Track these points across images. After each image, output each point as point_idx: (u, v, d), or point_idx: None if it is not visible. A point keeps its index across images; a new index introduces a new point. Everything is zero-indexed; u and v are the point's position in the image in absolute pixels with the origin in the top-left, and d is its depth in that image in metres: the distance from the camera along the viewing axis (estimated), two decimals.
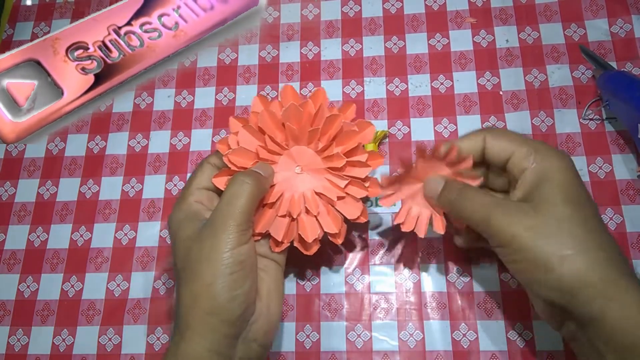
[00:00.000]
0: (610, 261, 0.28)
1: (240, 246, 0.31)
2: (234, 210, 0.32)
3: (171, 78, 0.49)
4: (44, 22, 0.53)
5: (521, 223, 0.30)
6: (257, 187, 0.32)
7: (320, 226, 0.34)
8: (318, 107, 0.34)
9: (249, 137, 0.34)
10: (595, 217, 0.30)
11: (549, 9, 0.47)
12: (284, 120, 0.34)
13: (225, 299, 0.30)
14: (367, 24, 0.49)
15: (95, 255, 0.44)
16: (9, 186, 0.47)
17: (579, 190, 0.30)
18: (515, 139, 0.32)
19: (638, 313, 0.27)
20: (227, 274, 0.30)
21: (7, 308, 0.43)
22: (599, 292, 0.27)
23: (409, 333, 0.39)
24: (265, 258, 0.35)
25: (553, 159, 0.31)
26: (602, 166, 0.41)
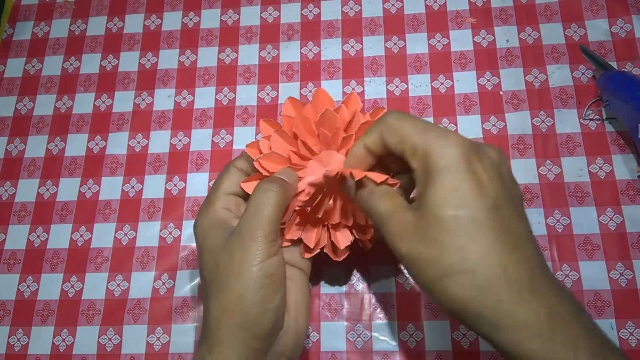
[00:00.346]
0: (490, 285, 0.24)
1: (270, 258, 0.30)
2: (262, 220, 0.30)
3: (171, 78, 0.49)
4: (44, 22, 0.53)
5: (404, 244, 0.27)
6: (282, 195, 0.31)
7: (352, 233, 0.34)
8: (353, 113, 0.33)
9: (281, 142, 0.33)
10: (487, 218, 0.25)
11: (549, 9, 0.47)
12: (319, 126, 0.33)
13: (256, 313, 0.29)
14: (367, 23, 0.49)
15: (95, 255, 0.44)
16: (9, 186, 0.47)
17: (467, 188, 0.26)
18: (403, 134, 0.28)
19: (522, 340, 0.24)
20: (258, 288, 0.29)
21: (7, 308, 0.43)
22: (480, 319, 0.25)
23: (409, 333, 0.39)
24: (291, 266, 0.34)
25: (438, 158, 0.26)
26: (602, 166, 0.41)
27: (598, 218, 0.40)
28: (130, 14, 0.52)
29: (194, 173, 0.45)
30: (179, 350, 0.40)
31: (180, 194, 0.45)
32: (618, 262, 0.39)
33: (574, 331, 0.24)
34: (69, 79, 0.50)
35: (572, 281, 0.39)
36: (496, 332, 0.25)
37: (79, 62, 0.51)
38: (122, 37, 0.51)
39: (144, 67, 0.50)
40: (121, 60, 0.50)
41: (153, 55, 0.50)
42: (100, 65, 0.50)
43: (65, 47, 0.52)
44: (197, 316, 0.41)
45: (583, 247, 0.40)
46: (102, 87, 0.49)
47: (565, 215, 0.41)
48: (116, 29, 0.52)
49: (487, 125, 0.44)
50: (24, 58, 0.52)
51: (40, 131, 0.48)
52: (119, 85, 0.49)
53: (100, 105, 0.49)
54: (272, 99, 0.47)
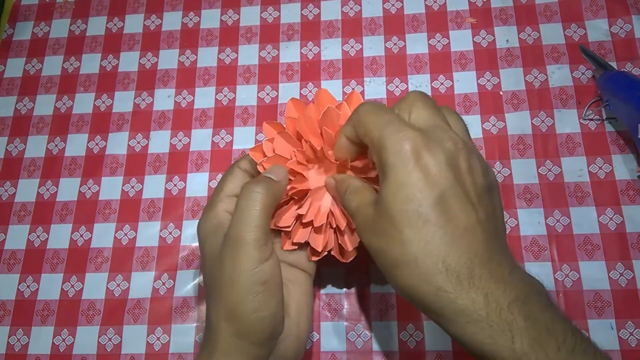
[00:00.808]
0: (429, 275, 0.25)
1: (262, 264, 0.29)
2: (249, 225, 0.30)
3: (171, 78, 0.49)
4: (44, 22, 0.53)
5: (364, 235, 0.29)
6: (269, 196, 0.30)
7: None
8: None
9: (284, 144, 0.33)
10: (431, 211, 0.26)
11: (549, 9, 0.47)
12: (322, 125, 0.33)
13: (252, 322, 0.29)
14: (367, 24, 0.49)
15: (95, 255, 0.44)
16: (9, 186, 0.47)
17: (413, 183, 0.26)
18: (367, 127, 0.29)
19: (461, 326, 0.25)
20: (251, 296, 0.29)
21: (7, 308, 0.43)
22: (423, 307, 0.26)
23: (409, 333, 0.39)
24: (295, 268, 0.34)
25: (389, 153, 0.27)
26: (602, 166, 0.41)
27: (598, 218, 0.40)
28: (130, 14, 0.52)
29: (194, 173, 0.45)
30: (179, 350, 0.40)
31: (180, 194, 0.45)
32: (618, 262, 0.39)
33: (511, 317, 0.24)
34: (69, 79, 0.50)
35: (572, 281, 0.39)
36: (441, 319, 0.26)
37: (79, 62, 0.51)
38: (122, 37, 0.51)
39: (144, 67, 0.50)
40: (121, 60, 0.50)
41: (153, 55, 0.50)
42: (100, 65, 0.50)
43: (65, 47, 0.52)
44: (197, 316, 0.41)
45: (583, 247, 0.40)
46: (102, 87, 0.49)
47: (565, 215, 0.41)
48: (116, 29, 0.52)
49: (487, 126, 0.44)
50: (24, 58, 0.52)
51: (40, 131, 0.48)
52: (119, 85, 0.49)
53: (100, 105, 0.49)
54: (272, 99, 0.47)
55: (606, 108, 0.42)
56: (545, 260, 0.40)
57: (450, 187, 0.26)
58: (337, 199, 0.34)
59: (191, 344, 0.40)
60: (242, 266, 0.29)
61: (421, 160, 0.26)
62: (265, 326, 0.29)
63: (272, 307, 0.30)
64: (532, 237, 0.40)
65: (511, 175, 0.42)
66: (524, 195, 0.42)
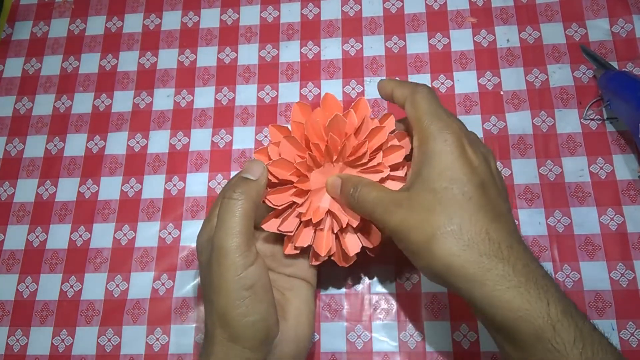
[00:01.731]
0: (473, 243, 0.28)
1: (246, 269, 0.30)
2: (229, 233, 0.30)
3: (170, 78, 0.49)
4: (43, 21, 0.53)
5: (395, 217, 0.30)
6: (248, 200, 0.31)
7: (361, 241, 0.34)
8: (362, 118, 0.33)
9: (290, 148, 0.33)
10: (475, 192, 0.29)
11: (550, 8, 0.47)
12: (328, 131, 0.33)
13: (242, 326, 0.30)
14: (367, 23, 0.48)
15: (94, 256, 0.43)
16: (7, 186, 0.47)
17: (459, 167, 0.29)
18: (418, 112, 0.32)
19: (501, 292, 0.27)
20: (238, 302, 0.30)
21: (6, 308, 0.43)
22: (462, 276, 0.28)
23: (409, 334, 0.39)
24: (294, 278, 0.34)
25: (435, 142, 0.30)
26: (603, 166, 0.41)
27: (599, 218, 0.40)
28: (129, 13, 0.52)
29: (194, 173, 0.45)
30: (179, 350, 0.40)
31: (179, 194, 0.45)
32: (619, 263, 0.39)
33: (546, 287, 0.27)
34: (68, 79, 0.50)
35: (573, 281, 0.39)
36: (477, 286, 0.27)
37: (78, 61, 0.51)
38: (122, 36, 0.51)
39: (143, 66, 0.50)
40: (120, 60, 0.50)
41: (152, 55, 0.50)
42: (100, 65, 0.50)
43: (64, 46, 0.51)
44: (196, 316, 0.41)
45: (584, 248, 0.40)
46: (101, 87, 0.49)
47: (566, 215, 0.40)
48: (115, 29, 0.51)
49: (488, 125, 0.44)
50: (23, 58, 0.51)
51: (39, 131, 0.48)
52: (118, 85, 0.49)
53: (99, 105, 0.49)
54: (271, 99, 0.47)
55: (607, 108, 0.42)
56: (546, 260, 0.39)
57: (488, 179, 0.30)
58: (338, 199, 0.34)
59: (190, 344, 0.40)
60: (227, 273, 0.30)
61: (465, 153, 0.30)
62: (256, 330, 0.30)
63: (262, 311, 0.30)
64: (533, 237, 0.40)
65: (512, 175, 0.42)
66: (524, 195, 0.41)
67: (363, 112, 0.34)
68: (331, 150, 0.33)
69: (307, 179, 0.34)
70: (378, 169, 0.34)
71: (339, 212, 0.34)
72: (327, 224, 0.34)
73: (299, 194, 0.34)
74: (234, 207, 0.31)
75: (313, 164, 0.34)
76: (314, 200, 0.34)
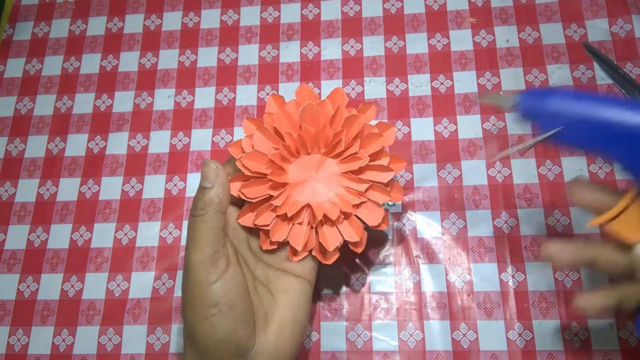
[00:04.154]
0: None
1: (210, 286, 0.29)
2: (193, 250, 0.30)
3: (171, 78, 0.49)
4: (44, 22, 0.53)
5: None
6: (211, 213, 0.30)
7: (341, 234, 0.33)
8: (337, 107, 0.32)
9: (264, 140, 0.33)
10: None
11: (549, 8, 0.47)
12: (301, 121, 0.32)
13: (207, 345, 0.30)
14: (367, 23, 0.49)
15: (95, 255, 0.44)
16: (9, 186, 0.47)
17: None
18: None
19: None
20: (204, 320, 0.29)
21: (7, 308, 0.43)
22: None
23: (409, 333, 0.39)
24: (290, 275, 0.33)
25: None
26: (602, 166, 0.41)
27: None
28: (130, 14, 0.52)
29: (194, 173, 0.45)
30: (179, 350, 0.40)
31: (180, 194, 0.45)
32: None
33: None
34: (69, 79, 0.50)
35: (572, 281, 0.39)
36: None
37: (79, 62, 0.51)
38: (122, 37, 0.51)
39: (144, 67, 0.50)
40: (121, 60, 0.50)
41: (153, 55, 0.50)
42: (100, 65, 0.50)
43: (65, 47, 0.52)
44: None
45: None
46: (102, 87, 0.49)
47: (566, 215, 0.41)
48: (116, 29, 0.52)
49: (487, 125, 0.44)
50: (24, 58, 0.52)
51: (40, 131, 0.48)
52: (119, 85, 0.49)
53: (100, 105, 0.49)
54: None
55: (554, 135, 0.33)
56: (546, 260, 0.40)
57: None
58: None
59: None
60: (192, 290, 0.30)
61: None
62: (222, 347, 0.29)
63: (228, 328, 0.29)
64: (532, 237, 0.40)
65: (511, 175, 0.42)
66: (524, 195, 0.41)
67: (338, 101, 0.33)
68: (305, 140, 0.32)
69: (283, 172, 0.33)
70: (356, 157, 0.33)
71: (317, 206, 0.33)
72: (306, 218, 0.33)
73: (275, 187, 0.33)
74: (198, 223, 0.30)
75: (288, 155, 0.33)
76: (292, 194, 0.33)
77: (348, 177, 0.34)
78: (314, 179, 0.34)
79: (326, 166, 0.34)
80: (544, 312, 0.38)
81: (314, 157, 0.33)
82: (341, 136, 0.32)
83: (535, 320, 0.38)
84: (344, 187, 0.34)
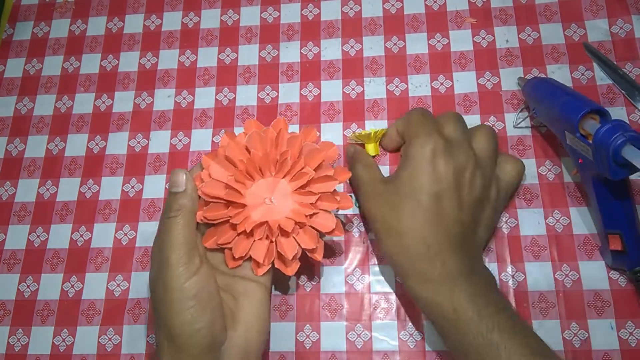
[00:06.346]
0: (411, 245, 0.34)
1: (189, 280, 0.31)
2: (170, 247, 0.32)
3: (171, 78, 0.49)
4: (44, 22, 0.53)
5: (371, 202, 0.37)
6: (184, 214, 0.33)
7: (298, 244, 0.35)
8: (278, 131, 0.36)
9: (219, 170, 0.35)
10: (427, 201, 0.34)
11: (549, 9, 0.47)
12: (248, 146, 0.35)
13: (187, 335, 0.31)
14: (367, 24, 0.49)
15: (95, 255, 0.44)
16: (9, 186, 0.47)
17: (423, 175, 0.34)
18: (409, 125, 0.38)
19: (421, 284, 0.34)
20: (182, 311, 0.31)
21: (7, 308, 0.43)
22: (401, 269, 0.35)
23: (409, 333, 0.39)
24: (247, 280, 0.35)
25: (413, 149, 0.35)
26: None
27: None
28: (130, 14, 0.52)
29: None
30: None
31: None
32: None
33: (457, 281, 0.33)
34: (69, 79, 0.50)
35: (572, 281, 0.39)
36: (406, 279, 0.35)
37: (79, 62, 0.51)
38: (122, 37, 0.51)
39: (144, 67, 0.50)
40: (121, 60, 0.50)
41: (153, 55, 0.50)
42: (100, 65, 0.50)
43: (65, 47, 0.52)
44: None
45: (583, 247, 0.40)
46: (102, 87, 0.49)
47: (565, 215, 0.41)
48: (116, 29, 0.52)
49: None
50: (24, 58, 0.52)
51: (40, 131, 0.48)
52: (119, 85, 0.49)
53: (100, 105, 0.49)
54: (272, 99, 0.47)
55: (534, 115, 0.42)
56: (545, 260, 0.40)
57: (448, 188, 0.34)
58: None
59: None
60: (171, 285, 0.31)
61: (435, 161, 0.34)
62: (201, 337, 0.31)
63: (206, 318, 0.32)
64: (532, 237, 0.40)
65: None
66: (523, 195, 0.42)
67: (280, 126, 0.36)
68: (255, 163, 0.35)
69: (240, 195, 0.35)
70: (303, 172, 0.35)
71: (273, 221, 0.35)
72: (264, 233, 0.35)
73: (234, 208, 0.35)
74: (173, 224, 0.33)
75: (243, 179, 0.35)
76: (251, 215, 0.36)
77: (299, 193, 0.36)
78: (269, 200, 0.36)
79: (279, 188, 0.36)
80: (544, 312, 0.38)
81: (267, 181, 0.36)
82: (287, 155, 0.35)
83: (535, 320, 0.38)
84: (297, 202, 0.36)
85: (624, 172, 0.33)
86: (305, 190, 0.36)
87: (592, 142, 0.34)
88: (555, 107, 0.38)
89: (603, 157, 0.33)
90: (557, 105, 0.37)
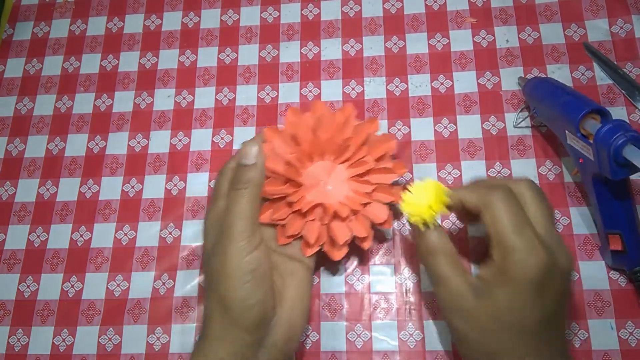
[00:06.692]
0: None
1: (249, 255, 0.32)
2: (235, 220, 0.32)
3: (171, 78, 0.49)
4: (44, 22, 0.53)
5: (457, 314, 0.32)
6: (252, 187, 0.33)
7: (350, 230, 0.36)
8: (346, 117, 0.36)
9: (282, 145, 0.36)
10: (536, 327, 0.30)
11: (549, 9, 0.47)
12: (316, 129, 0.35)
13: (241, 309, 0.31)
14: (367, 24, 0.49)
15: (95, 255, 0.44)
16: (9, 186, 0.47)
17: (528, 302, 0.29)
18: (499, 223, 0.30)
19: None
20: (240, 285, 0.31)
21: (7, 308, 0.43)
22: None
23: (409, 333, 0.39)
24: (293, 261, 0.35)
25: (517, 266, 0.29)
26: None
27: None
28: (130, 14, 0.52)
29: (194, 173, 0.45)
30: (179, 350, 0.40)
31: (180, 194, 0.45)
32: None
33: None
34: (69, 79, 0.50)
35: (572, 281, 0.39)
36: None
37: (79, 62, 0.51)
38: (122, 37, 0.51)
39: (144, 67, 0.50)
40: (121, 60, 0.50)
41: (153, 55, 0.50)
42: (100, 65, 0.50)
43: (65, 47, 0.52)
44: (197, 316, 0.41)
45: (583, 247, 0.40)
46: (102, 87, 0.49)
47: (566, 215, 0.41)
48: (116, 29, 0.52)
49: (487, 125, 0.44)
50: (24, 58, 0.52)
51: (40, 131, 0.48)
52: (119, 85, 0.49)
53: (100, 105, 0.49)
54: (272, 99, 0.47)
55: (535, 115, 0.42)
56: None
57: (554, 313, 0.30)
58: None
59: (191, 343, 0.40)
60: (231, 258, 0.31)
61: (542, 286, 0.29)
62: (254, 313, 0.31)
63: (260, 295, 0.32)
64: None
65: (511, 175, 0.42)
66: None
67: (347, 113, 0.37)
68: (318, 145, 0.36)
69: (299, 174, 0.36)
70: (363, 161, 0.36)
71: (328, 204, 0.36)
72: (318, 215, 0.36)
73: (291, 186, 0.35)
74: (240, 196, 0.33)
75: (304, 159, 0.36)
76: (306, 195, 0.36)
77: (356, 181, 0.37)
78: (326, 182, 0.37)
79: (337, 172, 0.37)
80: None
81: (326, 164, 0.37)
82: (350, 142, 0.36)
83: None
84: (352, 189, 0.37)
85: (625, 172, 0.33)
86: (363, 179, 0.36)
87: (593, 141, 0.34)
88: (555, 106, 0.38)
89: (604, 156, 0.33)
90: (558, 105, 0.37)
